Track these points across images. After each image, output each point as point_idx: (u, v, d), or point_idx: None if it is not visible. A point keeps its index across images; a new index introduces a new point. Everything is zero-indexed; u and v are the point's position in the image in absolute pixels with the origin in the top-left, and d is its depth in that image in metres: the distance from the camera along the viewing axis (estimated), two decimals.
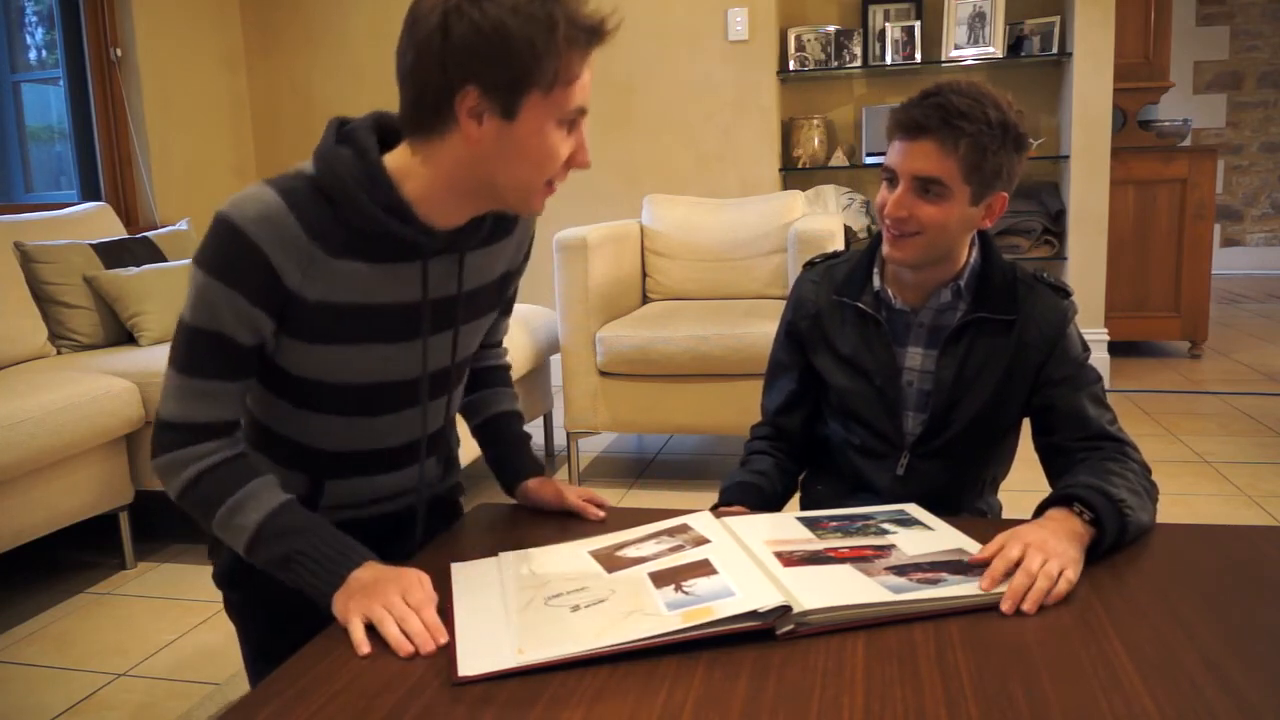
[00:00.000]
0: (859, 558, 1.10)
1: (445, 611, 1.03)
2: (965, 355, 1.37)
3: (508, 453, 1.45)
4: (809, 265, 1.55)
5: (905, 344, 1.41)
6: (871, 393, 1.42)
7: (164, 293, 2.92)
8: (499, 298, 1.34)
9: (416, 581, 1.07)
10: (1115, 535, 1.14)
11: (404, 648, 0.97)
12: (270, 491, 1.15)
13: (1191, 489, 2.78)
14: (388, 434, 1.28)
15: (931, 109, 1.27)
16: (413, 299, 1.19)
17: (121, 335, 2.95)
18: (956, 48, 4.10)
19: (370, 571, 1.08)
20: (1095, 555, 1.11)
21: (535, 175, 1.09)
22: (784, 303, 1.61)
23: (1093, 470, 1.26)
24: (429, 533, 1.36)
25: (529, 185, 1.10)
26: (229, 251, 1.10)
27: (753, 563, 1.07)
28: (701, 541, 1.15)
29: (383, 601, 1.03)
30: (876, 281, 1.42)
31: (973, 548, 1.13)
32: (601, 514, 1.36)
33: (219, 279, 1.10)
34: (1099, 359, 4.09)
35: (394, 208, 1.11)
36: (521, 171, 1.08)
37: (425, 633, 0.99)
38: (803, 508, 1.57)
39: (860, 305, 1.42)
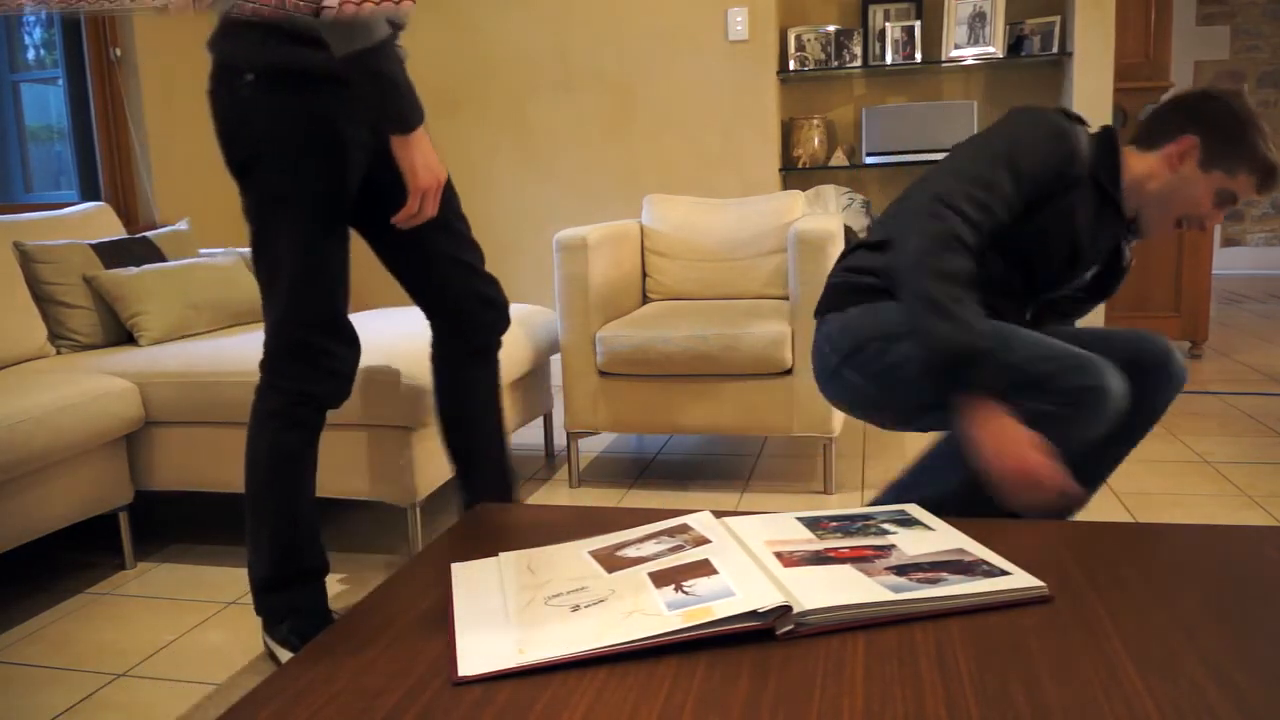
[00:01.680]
0: (859, 558, 1.10)
1: (445, 612, 1.03)
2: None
3: None
4: (1078, 125, 1.69)
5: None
6: (1069, 255, 1.65)
7: (164, 293, 2.92)
8: None
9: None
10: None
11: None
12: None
13: (1191, 489, 2.78)
14: None
15: None
16: None
17: (121, 335, 2.95)
18: (956, 47, 4.10)
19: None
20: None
21: None
22: (784, 303, 1.71)
23: None
24: None
25: None
26: None
27: (753, 563, 1.07)
28: (701, 541, 1.15)
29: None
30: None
31: (973, 548, 1.13)
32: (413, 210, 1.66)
33: None
34: None
35: None
36: None
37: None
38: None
39: (1118, 202, 1.68)
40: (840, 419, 2.84)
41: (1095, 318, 4.11)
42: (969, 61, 4.10)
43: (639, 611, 0.98)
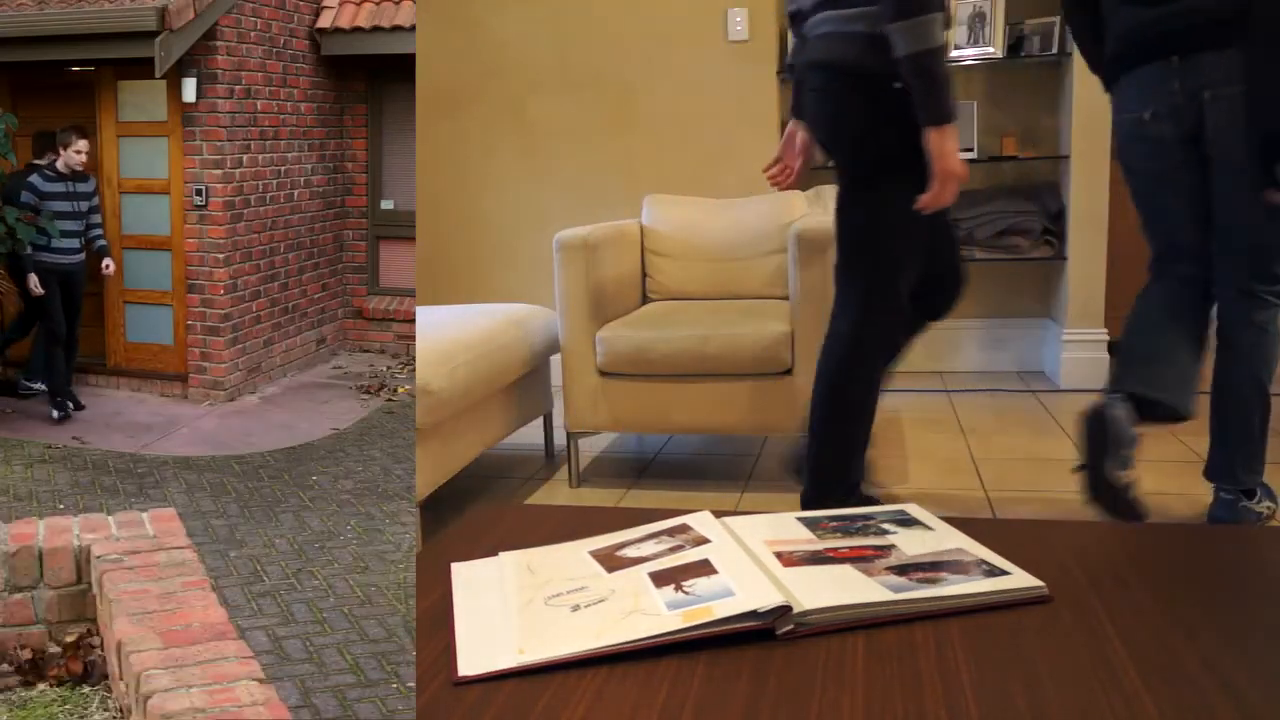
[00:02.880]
0: (859, 558, 1.10)
1: (446, 612, 1.04)
2: None
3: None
4: None
5: None
6: None
7: None
8: None
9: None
10: None
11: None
12: None
13: (1191, 489, 2.78)
14: None
15: None
16: None
17: None
18: (956, 48, 4.10)
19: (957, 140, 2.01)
20: None
21: None
22: (784, 303, 1.69)
23: None
24: None
25: None
26: None
27: (753, 562, 1.07)
28: (701, 541, 1.15)
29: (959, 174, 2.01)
30: None
31: (973, 548, 1.13)
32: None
33: None
34: (1099, 359, 4.09)
35: None
36: None
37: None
38: None
39: None
40: None
41: (1094, 319, 4.11)
42: (969, 62, 4.10)
43: (639, 611, 0.98)
